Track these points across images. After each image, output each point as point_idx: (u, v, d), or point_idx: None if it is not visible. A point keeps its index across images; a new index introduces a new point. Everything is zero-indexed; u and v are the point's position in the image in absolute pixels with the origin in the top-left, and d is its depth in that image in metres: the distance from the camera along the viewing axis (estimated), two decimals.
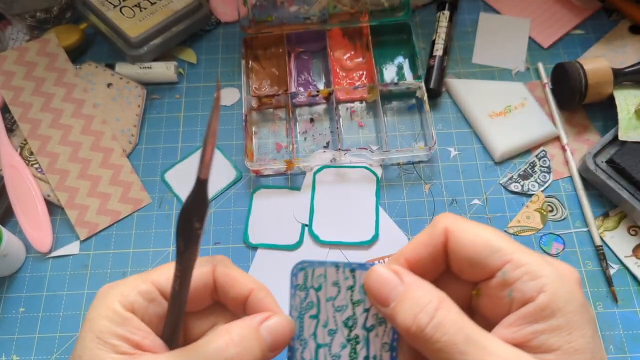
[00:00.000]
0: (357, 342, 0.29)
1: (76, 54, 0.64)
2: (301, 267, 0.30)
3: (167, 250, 0.54)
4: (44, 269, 0.53)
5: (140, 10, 0.63)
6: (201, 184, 0.24)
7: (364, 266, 0.29)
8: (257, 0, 0.63)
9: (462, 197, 0.56)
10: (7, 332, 0.50)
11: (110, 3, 0.63)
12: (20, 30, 0.67)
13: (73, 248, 0.54)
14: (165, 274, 0.29)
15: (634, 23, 0.65)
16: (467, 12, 0.68)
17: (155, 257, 0.54)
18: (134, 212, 0.56)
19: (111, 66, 0.63)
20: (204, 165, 0.23)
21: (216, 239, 0.54)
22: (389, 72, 0.64)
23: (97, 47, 0.66)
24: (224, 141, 0.60)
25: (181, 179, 0.58)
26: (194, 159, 0.59)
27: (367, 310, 0.29)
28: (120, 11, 0.63)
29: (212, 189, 0.57)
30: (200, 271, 0.29)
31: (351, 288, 0.29)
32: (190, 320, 0.30)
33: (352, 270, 0.29)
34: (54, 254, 0.54)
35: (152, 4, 0.63)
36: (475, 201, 0.56)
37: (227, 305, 0.30)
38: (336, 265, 0.29)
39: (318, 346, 0.29)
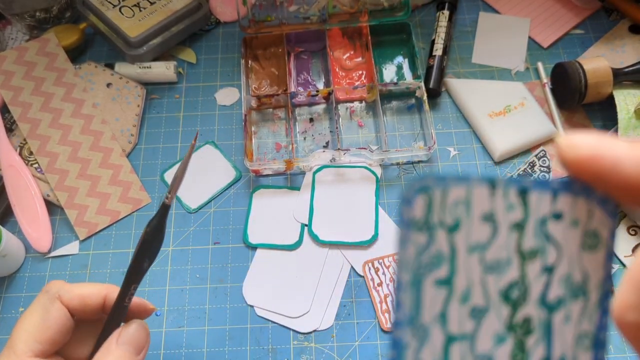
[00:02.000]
0: (529, 332, 0.16)
1: (76, 54, 0.64)
2: (421, 188, 0.16)
3: (166, 250, 0.54)
4: (43, 269, 0.53)
5: (140, 10, 0.63)
6: (165, 208, 0.32)
7: (544, 184, 0.15)
8: (256, 0, 0.63)
9: None
10: (7, 332, 0.50)
11: (110, 3, 0.63)
12: (20, 30, 0.67)
13: (72, 248, 0.54)
14: (23, 340, 0.30)
15: (634, 23, 0.65)
16: (467, 12, 0.68)
17: None
18: (134, 212, 0.56)
19: (111, 66, 0.63)
20: (171, 195, 0.31)
21: (215, 239, 0.54)
22: (389, 72, 0.64)
23: (97, 47, 0.66)
24: (223, 141, 0.60)
25: None
26: (194, 159, 0.59)
27: (549, 270, 0.15)
28: (120, 11, 0.63)
29: (212, 189, 0.57)
30: (56, 313, 0.31)
31: (520, 226, 0.15)
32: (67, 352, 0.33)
33: (523, 192, 0.15)
34: (53, 253, 0.54)
35: (151, 3, 0.63)
36: None
37: (88, 319, 0.33)
38: (491, 182, 0.16)
39: (450, 339, 0.16)
